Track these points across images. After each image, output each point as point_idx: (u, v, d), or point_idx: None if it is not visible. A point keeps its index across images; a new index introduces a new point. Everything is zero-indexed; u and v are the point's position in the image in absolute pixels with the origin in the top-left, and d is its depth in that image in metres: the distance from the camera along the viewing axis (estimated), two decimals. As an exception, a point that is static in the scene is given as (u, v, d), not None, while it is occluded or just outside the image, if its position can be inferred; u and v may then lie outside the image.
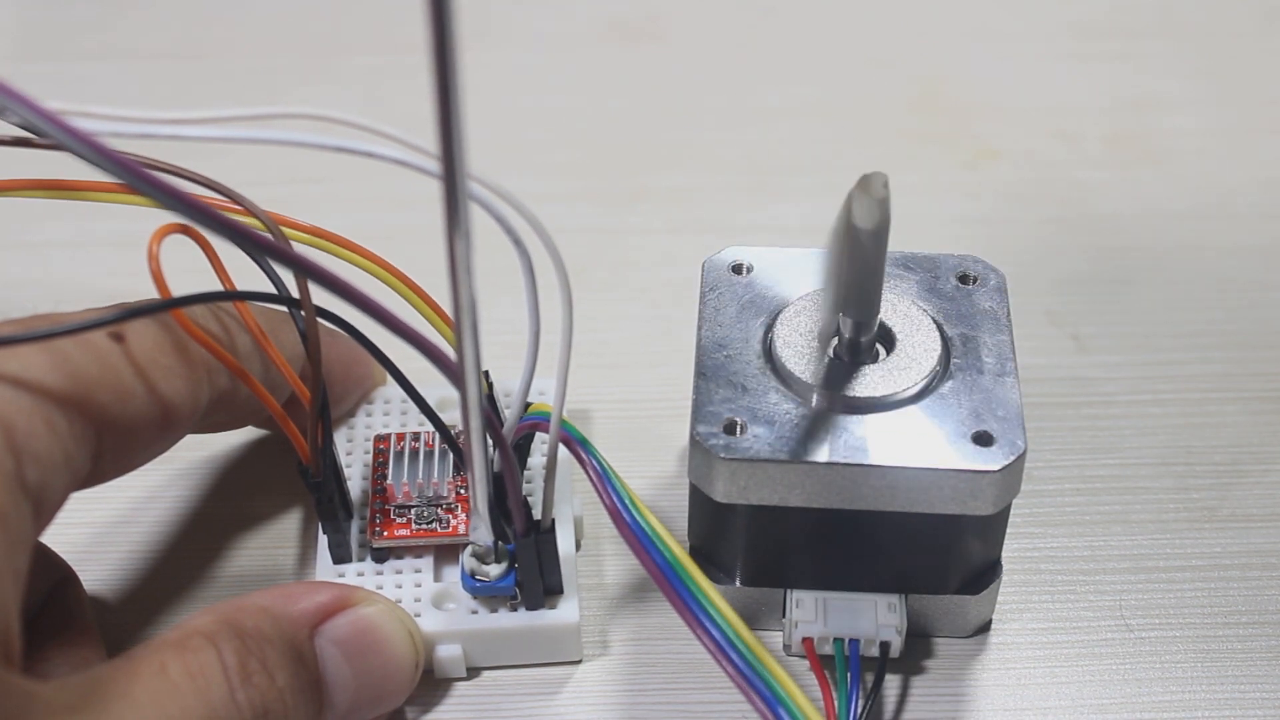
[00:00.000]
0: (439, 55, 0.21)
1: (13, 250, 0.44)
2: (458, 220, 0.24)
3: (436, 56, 0.21)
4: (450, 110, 0.22)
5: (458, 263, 0.24)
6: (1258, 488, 0.37)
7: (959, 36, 0.52)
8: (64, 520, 0.28)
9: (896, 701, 0.33)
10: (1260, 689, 0.33)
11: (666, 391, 0.40)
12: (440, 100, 0.22)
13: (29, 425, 0.26)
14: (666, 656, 0.34)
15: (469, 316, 0.26)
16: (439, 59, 0.21)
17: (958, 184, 0.46)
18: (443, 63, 0.21)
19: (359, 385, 0.36)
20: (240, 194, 0.31)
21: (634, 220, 0.45)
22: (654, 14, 0.53)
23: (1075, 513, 0.37)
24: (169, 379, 0.29)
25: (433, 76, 0.22)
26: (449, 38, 0.21)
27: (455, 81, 0.22)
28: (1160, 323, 0.42)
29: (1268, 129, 0.48)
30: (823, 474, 0.30)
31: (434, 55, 0.21)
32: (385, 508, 0.34)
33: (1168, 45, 0.51)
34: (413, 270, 0.32)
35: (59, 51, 0.52)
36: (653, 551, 0.29)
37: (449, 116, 0.22)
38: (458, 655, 0.33)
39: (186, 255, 0.30)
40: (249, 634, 0.28)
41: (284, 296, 0.31)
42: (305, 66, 0.51)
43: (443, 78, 0.22)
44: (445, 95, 0.22)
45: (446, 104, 0.22)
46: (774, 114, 0.49)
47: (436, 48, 0.21)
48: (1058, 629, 0.35)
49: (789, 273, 0.34)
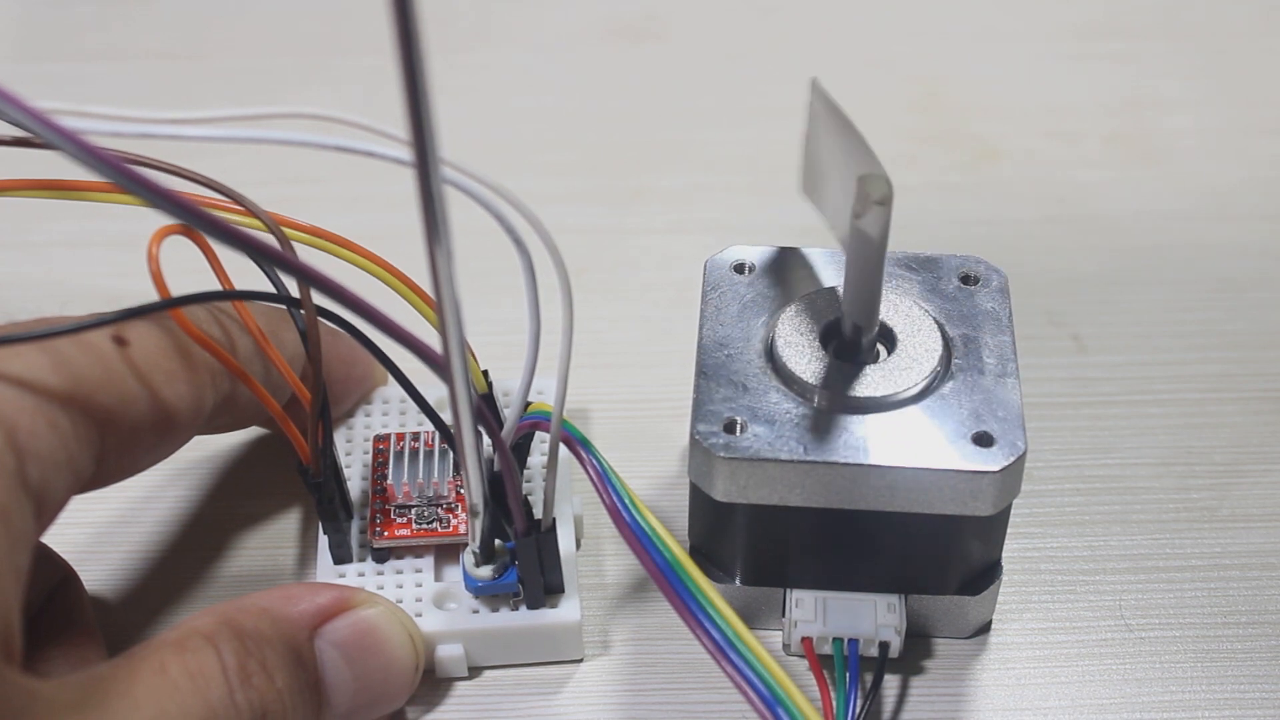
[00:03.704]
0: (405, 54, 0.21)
1: (13, 250, 0.44)
2: (436, 226, 0.24)
3: (403, 55, 0.21)
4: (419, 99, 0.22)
5: (438, 262, 0.24)
6: (1258, 488, 0.37)
7: (959, 36, 0.52)
8: (64, 520, 0.28)
9: (896, 701, 0.33)
10: (1260, 689, 0.33)
11: (666, 391, 0.40)
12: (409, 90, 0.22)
13: (31, 425, 0.26)
14: (667, 656, 0.34)
15: (453, 312, 0.25)
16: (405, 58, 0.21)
17: (958, 184, 0.46)
18: (409, 60, 0.21)
19: (359, 385, 0.36)
20: (240, 194, 0.31)
21: (634, 220, 0.45)
22: (654, 14, 0.53)
23: (1075, 513, 0.37)
24: (172, 383, 0.29)
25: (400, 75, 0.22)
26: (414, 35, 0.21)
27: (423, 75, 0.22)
28: (1160, 323, 0.42)
29: (1268, 129, 0.48)
30: (823, 474, 0.30)
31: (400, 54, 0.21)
32: (385, 508, 0.34)
33: (1168, 45, 0.51)
34: (412, 270, 0.32)
35: (59, 51, 0.52)
36: (652, 551, 0.29)
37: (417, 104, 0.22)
38: (459, 655, 0.33)
39: (186, 255, 0.30)
40: (249, 635, 0.28)
41: (284, 296, 0.31)
42: (305, 66, 0.51)
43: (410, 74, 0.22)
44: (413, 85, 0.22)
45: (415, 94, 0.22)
46: (774, 114, 0.49)
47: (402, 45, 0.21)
48: (1058, 629, 0.35)
49: (791, 272, 0.34)
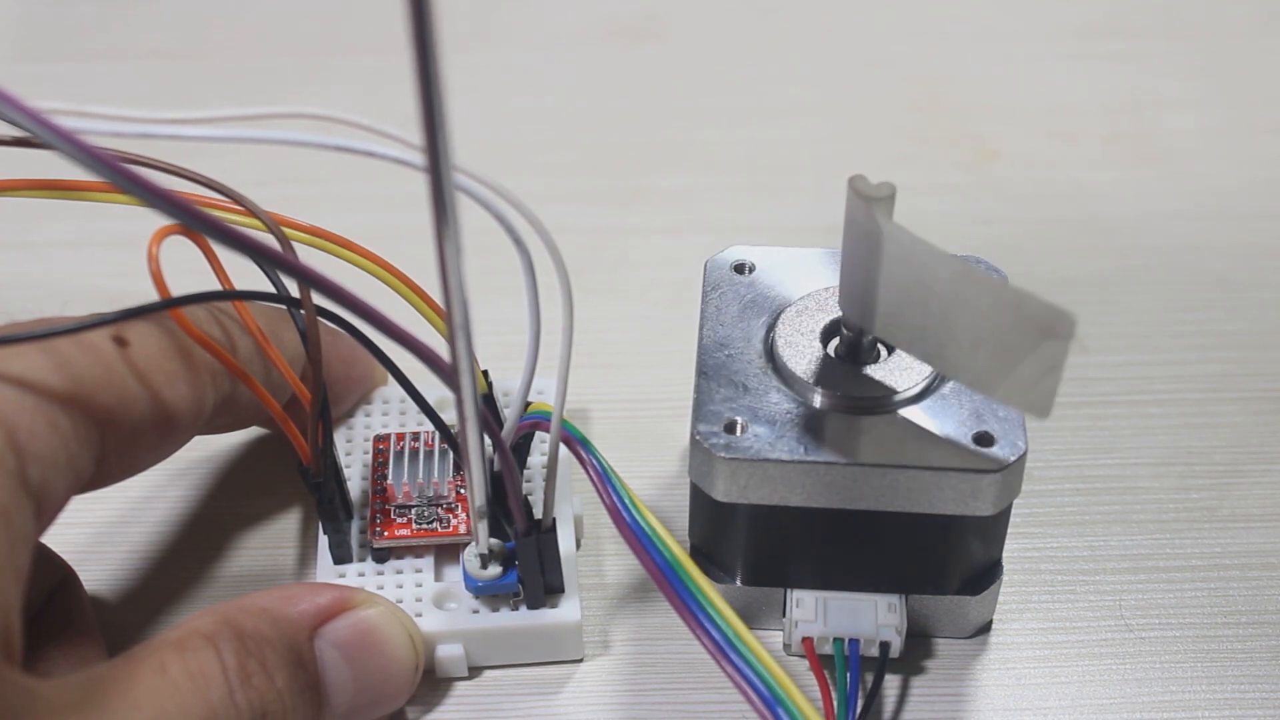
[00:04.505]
0: (420, 51, 0.21)
1: (13, 250, 0.44)
2: (445, 216, 0.24)
3: (418, 52, 0.21)
4: (433, 101, 0.22)
5: (448, 259, 0.24)
6: (1258, 488, 0.37)
7: (959, 36, 0.52)
8: (64, 520, 0.28)
9: (896, 702, 0.33)
10: (1260, 689, 0.33)
11: (667, 391, 0.40)
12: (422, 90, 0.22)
13: (32, 425, 0.26)
14: (667, 656, 0.34)
15: (461, 316, 0.26)
16: (420, 55, 0.21)
17: (958, 184, 0.46)
18: (424, 58, 0.21)
19: (359, 385, 0.36)
20: (241, 194, 0.31)
21: (634, 220, 0.45)
22: (654, 14, 0.53)
23: (1075, 513, 0.37)
24: (173, 384, 0.29)
25: (414, 73, 0.22)
26: (430, 34, 0.21)
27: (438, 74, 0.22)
28: (1160, 323, 0.42)
29: (1268, 129, 0.48)
30: (823, 474, 0.30)
31: (416, 51, 0.21)
32: (386, 508, 0.34)
33: (1168, 45, 0.51)
34: (412, 270, 0.32)
35: (59, 51, 0.52)
36: (652, 551, 0.29)
37: (432, 106, 0.22)
38: (459, 655, 0.33)
39: (186, 255, 0.29)
40: (249, 635, 0.28)
41: (284, 296, 0.31)
42: (305, 66, 0.51)
43: (424, 72, 0.22)
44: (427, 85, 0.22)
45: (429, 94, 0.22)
46: (774, 114, 0.49)
47: (418, 43, 0.21)
48: (1058, 629, 0.35)
49: (791, 272, 0.34)
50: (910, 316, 0.29)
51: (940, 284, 0.28)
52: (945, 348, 0.29)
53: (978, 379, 0.29)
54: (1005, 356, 0.28)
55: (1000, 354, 0.28)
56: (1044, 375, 0.27)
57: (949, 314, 0.28)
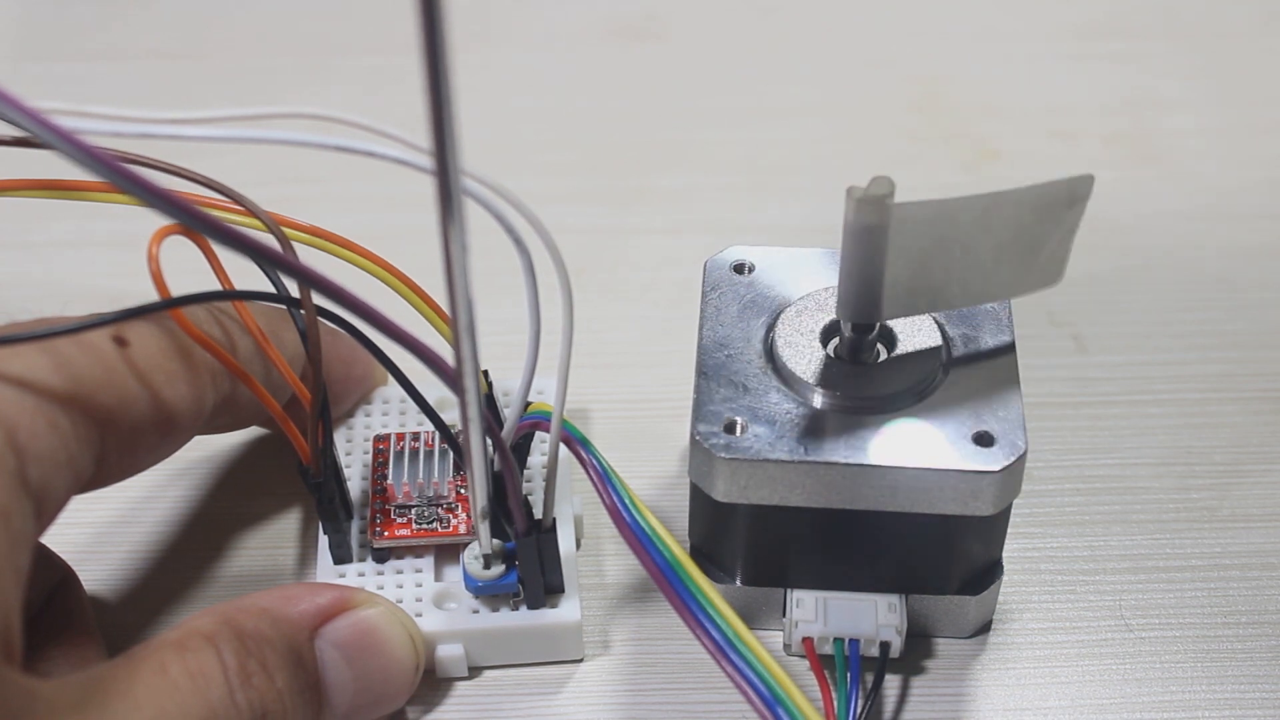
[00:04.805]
0: (430, 50, 0.21)
1: (13, 250, 0.44)
2: (452, 212, 0.24)
3: (428, 51, 0.21)
4: (441, 100, 0.22)
5: (454, 260, 0.24)
6: (1258, 488, 0.37)
7: (959, 36, 0.52)
8: (64, 520, 0.28)
9: (896, 702, 0.33)
10: (1260, 689, 0.33)
11: (666, 391, 0.40)
12: (431, 90, 0.22)
13: (32, 425, 0.26)
14: (667, 656, 0.34)
15: (466, 318, 0.26)
16: (430, 54, 0.21)
17: (958, 184, 0.46)
18: (434, 56, 0.21)
19: (359, 385, 0.36)
20: (241, 194, 0.31)
21: (634, 220, 0.45)
22: (654, 14, 0.53)
23: (1075, 513, 0.37)
24: (173, 384, 0.29)
25: (423, 70, 0.22)
26: (440, 34, 0.21)
27: (447, 72, 0.22)
28: (1160, 323, 0.42)
29: (1268, 129, 0.48)
30: (823, 474, 0.30)
31: (425, 50, 0.21)
32: (386, 508, 0.34)
33: (1168, 45, 0.51)
34: (413, 270, 0.32)
35: (59, 51, 0.52)
36: (652, 551, 0.29)
37: (440, 105, 0.22)
38: (459, 655, 0.33)
39: (186, 255, 0.29)
40: (249, 635, 0.28)
41: (284, 296, 0.31)
42: (305, 66, 0.51)
43: (434, 70, 0.22)
44: (436, 84, 0.22)
45: (438, 93, 0.22)
46: (774, 114, 0.49)
47: (428, 42, 0.21)
48: (1058, 629, 0.35)
49: (791, 272, 0.34)
50: (923, 280, 0.30)
51: (959, 229, 0.30)
52: (966, 284, 0.31)
53: (999, 290, 0.31)
54: (1029, 251, 0.30)
55: (1024, 253, 0.30)
56: (1059, 245, 0.30)
57: (971, 248, 0.30)
